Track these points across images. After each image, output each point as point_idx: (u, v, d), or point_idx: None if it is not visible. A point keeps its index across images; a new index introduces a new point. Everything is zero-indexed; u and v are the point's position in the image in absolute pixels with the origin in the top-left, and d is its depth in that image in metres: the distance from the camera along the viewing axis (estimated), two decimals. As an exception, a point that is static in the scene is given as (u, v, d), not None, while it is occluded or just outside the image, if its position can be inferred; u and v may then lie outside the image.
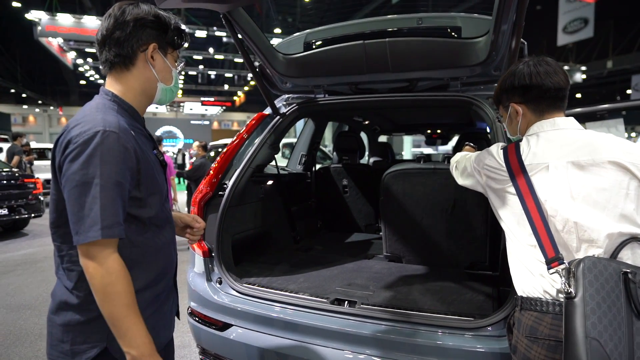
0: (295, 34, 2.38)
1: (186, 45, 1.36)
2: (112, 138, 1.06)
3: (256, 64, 2.32)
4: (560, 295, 1.13)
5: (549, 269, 1.13)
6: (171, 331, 1.35)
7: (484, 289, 2.02)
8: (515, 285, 1.29)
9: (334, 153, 3.84)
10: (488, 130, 3.15)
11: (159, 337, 1.23)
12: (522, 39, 1.75)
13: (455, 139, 5.35)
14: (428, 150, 26.79)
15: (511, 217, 1.27)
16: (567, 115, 1.30)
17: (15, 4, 17.36)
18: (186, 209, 6.52)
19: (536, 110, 1.31)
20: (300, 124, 3.55)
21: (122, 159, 1.07)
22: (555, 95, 1.28)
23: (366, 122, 4.51)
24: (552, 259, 1.13)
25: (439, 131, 5.13)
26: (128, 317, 1.05)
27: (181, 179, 12.53)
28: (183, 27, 1.32)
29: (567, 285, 1.07)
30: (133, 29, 1.17)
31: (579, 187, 1.16)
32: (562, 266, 1.11)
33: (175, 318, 1.39)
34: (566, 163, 1.19)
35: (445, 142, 5.89)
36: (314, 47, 2.29)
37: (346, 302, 1.79)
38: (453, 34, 2.06)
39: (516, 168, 1.24)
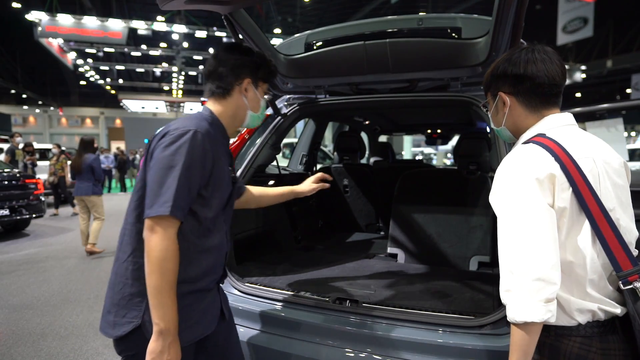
0: (296, 35, 2.39)
1: (273, 78, 1.61)
2: (199, 137, 1.28)
3: None
4: (601, 313, 1.06)
5: (625, 283, 1.02)
6: (205, 329, 1.40)
7: (484, 288, 2.03)
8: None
9: (335, 153, 3.85)
10: (488, 130, 3.16)
11: (187, 330, 1.31)
12: (521, 39, 1.76)
13: (455, 138, 5.36)
14: (428, 150, 26.93)
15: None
16: None
17: (15, 5, 17.38)
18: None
19: (528, 105, 1.20)
20: (300, 125, 3.56)
21: (202, 157, 1.27)
22: (549, 91, 1.17)
23: (367, 122, 4.53)
24: (631, 272, 1.02)
25: (439, 131, 5.15)
26: (168, 293, 1.19)
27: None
28: (273, 64, 1.55)
29: None
30: (233, 66, 1.43)
31: (615, 188, 1.09)
32: None
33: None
34: (602, 160, 1.09)
35: (445, 142, 5.91)
36: (314, 47, 2.30)
37: (348, 301, 1.80)
38: (453, 34, 2.08)
39: (573, 170, 1.05)
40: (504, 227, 1.06)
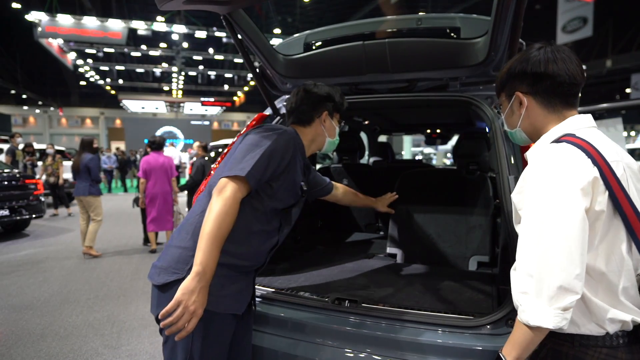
0: (295, 35, 2.39)
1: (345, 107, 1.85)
2: (287, 136, 1.53)
3: (256, 64, 2.33)
4: (631, 324, 1.03)
5: None
6: (236, 307, 1.49)
7: (483, 288, 2.03)
8: (574, 322, 1.06)
9: (334, 153, 3.85)
10: (487, 130, 3.16)
11: (220, 298, 1.42)
12: (520, 40, 1.76)
13: (455, 138, 5.36)
14: (428, 150, 26.93)
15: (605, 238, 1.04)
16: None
17: (15, 5, 17.37)
18: (186, 209, 6.53)
19: (547, 105, 1.15)
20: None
21: (284, 150, 1.50)
22: (569, 91, 1.13)
23: (366, 122, 4.52)
24: None
25: (438, 131, 5.14)
26: (217, 243, 1.32)
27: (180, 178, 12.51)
28: (344, 98, 1.83)
29: None
30: (313, 103, 1.72)
31: (638, 192, 1.06)
32: None
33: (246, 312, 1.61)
34: (626, 165, 1.06)
35: (445, 142, 5.91)
36: (313, 47, 2.30)
37: (347, 301, 1.80)
38: (452, 34, 2.08)
39: (608, 173, 1.01)
40: (532, 229, 1.02)
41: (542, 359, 1.12)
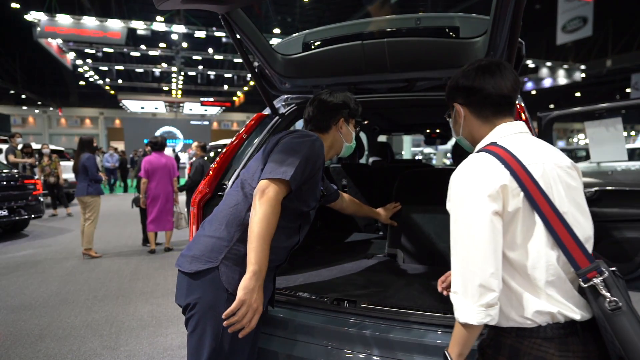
0: (294, 35, 2.38)
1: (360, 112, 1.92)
2: (319, 143, 1.63)
3: (255, 64, 2.33)
4: (560, 316, 1.07)
5: (585, 281, 1.05)
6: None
7: None
8: (507, 316, 1.12)
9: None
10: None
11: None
12: (520, 39, 1.75)
13: (454, 138, 5.35)
14: (428, 150, 26.92)
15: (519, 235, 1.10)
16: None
17: (14, 5, 17.36)
18: (186, 210, 6.52)
19: (480, 115, 1.25)
20: (299, 124, 3.54)
21: (316, 157, 1.59)
22: (498, 102, 1.22)
23: (365, 122, 4.51)
24: (589, 269, 1.04)
25: (438, 131, 5.14)
26: (267, 242, 1.39)
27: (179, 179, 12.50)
28: (359, 104, 1.90)
29: (610, 296, 1.02)
30: (329, 111, 1.80)
31: (568, 190, 1.13)
32: (604, 275, 1.03)
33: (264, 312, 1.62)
34: (553, 164, 1.13)
35: (444, 142, 5.90)
36: (312, 47, 2.29)
37: (346, 301, 1.79)
38: (451, 34, 2.07)
39: (523, 175, 1.08)
40: (454, 233, 1.12)
41: (485, 347, 1.20)
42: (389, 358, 1.59)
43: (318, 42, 2.29)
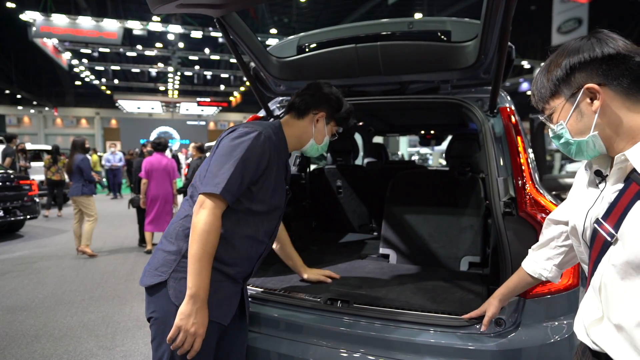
0: (288, 37, 2.40)
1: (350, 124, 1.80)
2: (262, 138, 1.47)
3: (252, 65, 2.35)
4: None
5: None
6: (221, 315, 1.49)
7: (474, 288, 2.05)
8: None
9: (328, 154, 3.87)
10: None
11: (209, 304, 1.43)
12: (510, 43, 1.78)
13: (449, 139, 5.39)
14: (424, 150, 26.99)
15: None
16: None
17: (9, 5, 17.27)
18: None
19: (629, 95, 0.91)
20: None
21: (259, 155, 1.46)
22: None
23: (360, 124, 4.54)
24: None
25: (432, 132, 5.17)
26: (205, 263, 1.35)
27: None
28: (352, 113, 1.76)
29: None
30: (317, 97, 1.68)
31: None
32: None
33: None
34: None
35: (439, 143, 5.94)
36: (306, 50, 2.32)
37: (339, 301, 1.82)
38: (443, 37, 2.10)
39: None
40: None
41: None
42: (381, 357, 1.62)
43: (312, 45, 2.31)
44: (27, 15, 16.52)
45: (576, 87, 0.96)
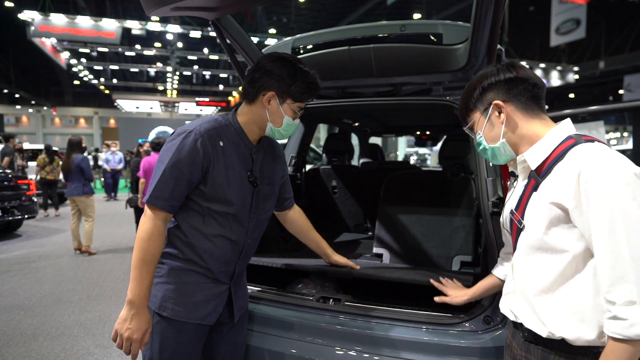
0: (282, 40, 2.43)
1: (312, 98, 1.57)
2: (192, 138, 1.38)
3: (248, 66, 2.38)
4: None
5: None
6: (204, 317, 1.50)
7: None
8: (570, 331, 1.03)
9: (324, 155, 3.89)
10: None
11: (184, 305, 1.45)
12: (499, 46, 1.81)
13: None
14: (423, 150, 27.06)
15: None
16: (552, 118, 1.19)
17: (8, 4, 17.26)
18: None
19: (526, 109, 1.15)
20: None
21: (191, 155, 1.37)
22: (541, 94, 1.16)
23: (356, 124, 4.57)
24: None
25: (427, 133, 5.20)
26: (142, 270, 1.34)
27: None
28: (312, 84, 1.49)
29: None
30: (262, 74, 1.44)
31: None
32: None
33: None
34: None
35: (435, 143, 5.98)
36: (301, 52, 2.35)
37: (331, 299, 1.85)
38: (434, 40, 2.13)
39: None
40: (615, 235, 0.92)
41: None
42: (374, 354, 1.64)
43: (306, 47, 2.34)
44: (26, 15, 16.53)
45: (487, 103, 1.20)
